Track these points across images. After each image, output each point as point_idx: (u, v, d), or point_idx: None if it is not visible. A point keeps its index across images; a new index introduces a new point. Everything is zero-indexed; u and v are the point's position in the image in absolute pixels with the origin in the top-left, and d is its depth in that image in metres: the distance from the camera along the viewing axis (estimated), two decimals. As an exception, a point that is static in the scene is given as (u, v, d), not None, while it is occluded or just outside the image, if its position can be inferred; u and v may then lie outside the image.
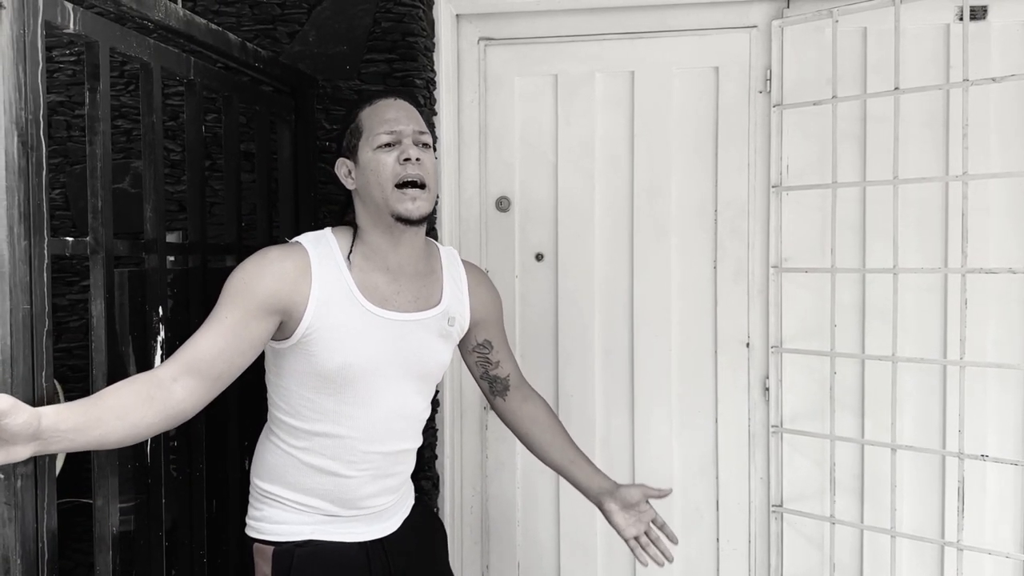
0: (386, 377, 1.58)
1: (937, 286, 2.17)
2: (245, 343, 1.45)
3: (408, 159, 1.54)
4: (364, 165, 1.57)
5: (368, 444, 1.59)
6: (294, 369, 1.55)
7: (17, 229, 1.15)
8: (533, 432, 1.84)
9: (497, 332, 1.83)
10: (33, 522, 1.19)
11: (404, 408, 1.62)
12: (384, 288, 1.59)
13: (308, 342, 1.52)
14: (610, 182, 2.34)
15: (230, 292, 1.48)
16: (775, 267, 2.24)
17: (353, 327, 1.54)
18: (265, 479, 1.62)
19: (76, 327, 2.28)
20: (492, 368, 1.82)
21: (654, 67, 2.30)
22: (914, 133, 2.16)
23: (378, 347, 1.56)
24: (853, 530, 2.21)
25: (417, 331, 1.61)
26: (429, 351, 1.64)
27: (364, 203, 1.59)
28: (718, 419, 2.31)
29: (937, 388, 2.18)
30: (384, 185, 1.54)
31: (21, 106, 1.16)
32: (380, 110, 1.60)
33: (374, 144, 1.56)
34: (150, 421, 1.31)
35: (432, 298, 1.66)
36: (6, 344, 1.14)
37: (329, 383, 1.54)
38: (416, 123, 1.60)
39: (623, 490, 1.79)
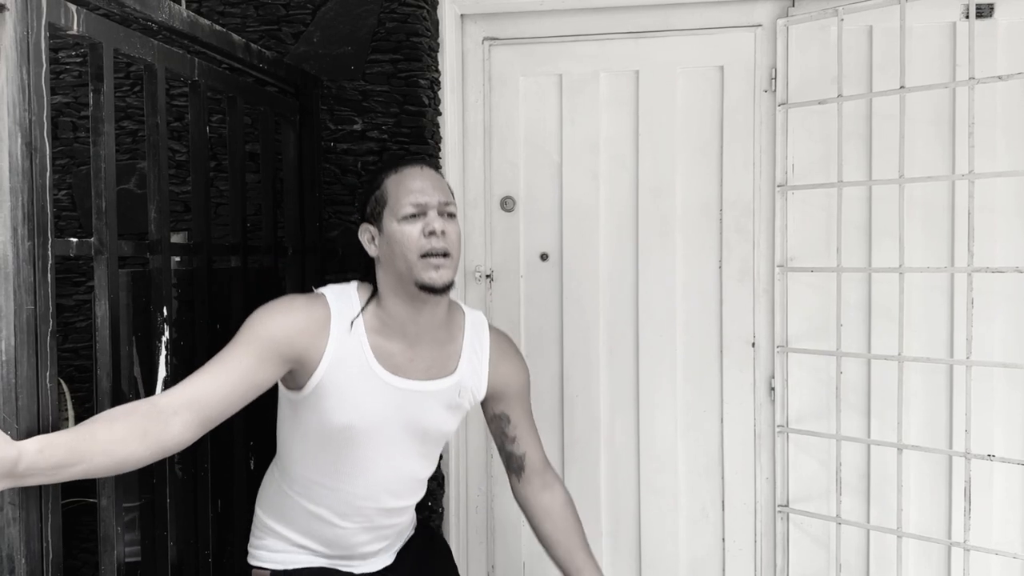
0: (387, 441, 1.58)
1: (943, 285, 2.16)
2: (252, 388, 1.46)
3: (433, 232, 1.52)
4: (388, 235, 1.55)
5: (364, 500, 1.61)
6: (300, 420, 1.57)
7: (21, 230, 1.15)
8: (544, 527, 1.76)
9: (517, 407, 1.75)
10: (37, 522, 1.20)
11: (402, 470, 1.63)
12: (399, 355, 1.57)
13: (315, 400, 1.53)
14: (615, 182, 2.33)
15: (248, 334, 1.47)
16: (781, 266, 2.23)
17: (360, 390, 1.54)
18: (266, 512, 1.69)
19: (83, 327, 2.29)
20: (508, 443, 1.75)
21: (658, 66, 2.30)
22: (920, 132, 2.15)
23: (383, 412, 1.56)
24: (859, 530, 2.20)
25: (425, 400, 1.60)
26: (434, 420, 1.63)
27: (386, 272, 1.57)
28: (723, 419, 2.30)
29: (944, 388, 2.17)
30: (408, 256, 1.52)
31: (25, 107, 1.16)
32: (406, 179, 1.58)
33: (399, 215, 1.54)
34: (139, 456, 1.30)
35: (447, 367, 1.63)
36: (10, 345, 1.14)
37: (331, 440, 1.56)
38: (442, 193, 1.58)
39: None
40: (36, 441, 1.15)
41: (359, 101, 2.18)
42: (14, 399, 1.15)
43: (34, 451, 1.14)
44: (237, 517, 1.84)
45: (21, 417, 1.16)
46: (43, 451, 1.15)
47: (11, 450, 1.11)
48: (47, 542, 1.20)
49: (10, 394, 1.15)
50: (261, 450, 1.91)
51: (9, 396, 1.15)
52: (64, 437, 1.19)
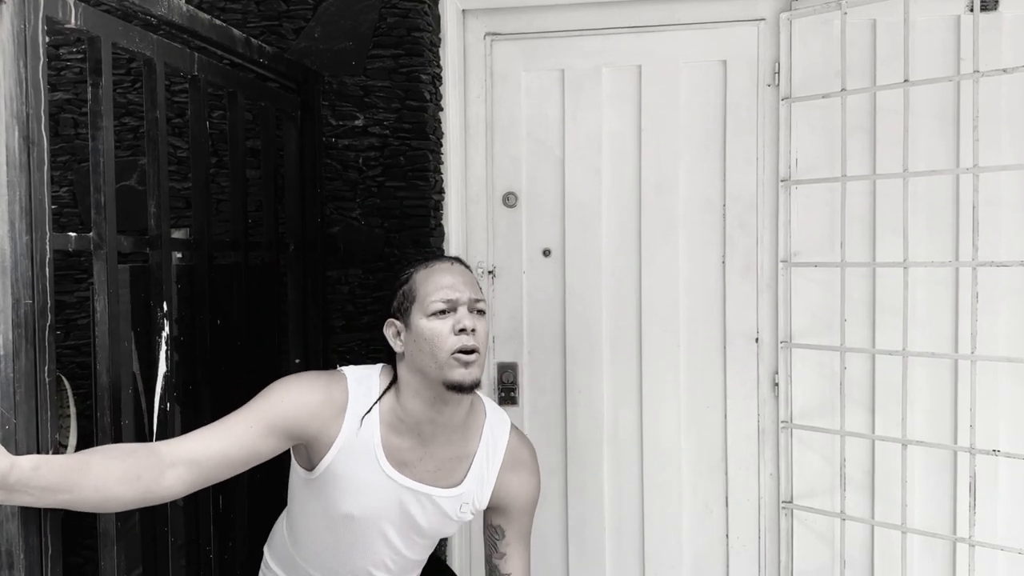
0: (385, 533, 1.59)
1: (948, 280, 2.15)
2: (254, 455, 1.45)
3: (464, 330, 1.49)
4: (416, 332, 1.51)
5: (361, 574, 1.63)
6: (306, 497, 1.59)
7: (19, 224, 1.15)
8: None
9: (516, 524, 1.68)
10: (36, 517, 1.19)
11: (397, 558, 1.63)
12: (408, 453, 1.55)
13: (321, 485, 1.54)
14: (617, 177, 2.33)
15: (262, 403, 1.46)
16: (784, 261, 2.22)
17: (364, 482, 1.53)
18: (272, 558, 1.74)
19: (84, 324, 2.29)
20: (496, 556, 1.68)
21: (661, 61, 2.29)
22: (924, 126, 2.14)
23: (383, 506, 1.56)
24: (864, 526, 2.19)
25: (426, 503, 1.58)
26: (432, 523, 1.61)
27: (411, 369, 1.53)
28: (727, 415, 2.29)
29: (948, 383, 2.16)
30: (437, 354, 1.48)
31: (22, 101, 1.16)
32: (436, 275, 1.54)
33: (428, 311, 1.51)
34: (126, 500, 1.29)
35: (454, 476, 1.60)
36: (8, 339, 1.14)
37: (331, 521, 1.57)
38: (473, 290, 1.54)
39: None
40: (32, 459, 1.15)
41: (360, 97, 2.17)
42: (12, 394, 1.14)
43: (28, 467, 1.14)
44: (238, 515, 1.83)
45: (19, 411, 1.15)
46: (38, 469, 1.15)
47: (4, 461, 1.11)
48: (46, 537, 1.20)
49: (8, 388, 1.14)
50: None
51: (7, 391, 1.14)
52: (59, 460, 1.19)
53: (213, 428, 1.42)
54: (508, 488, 1.64)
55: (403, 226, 2.17)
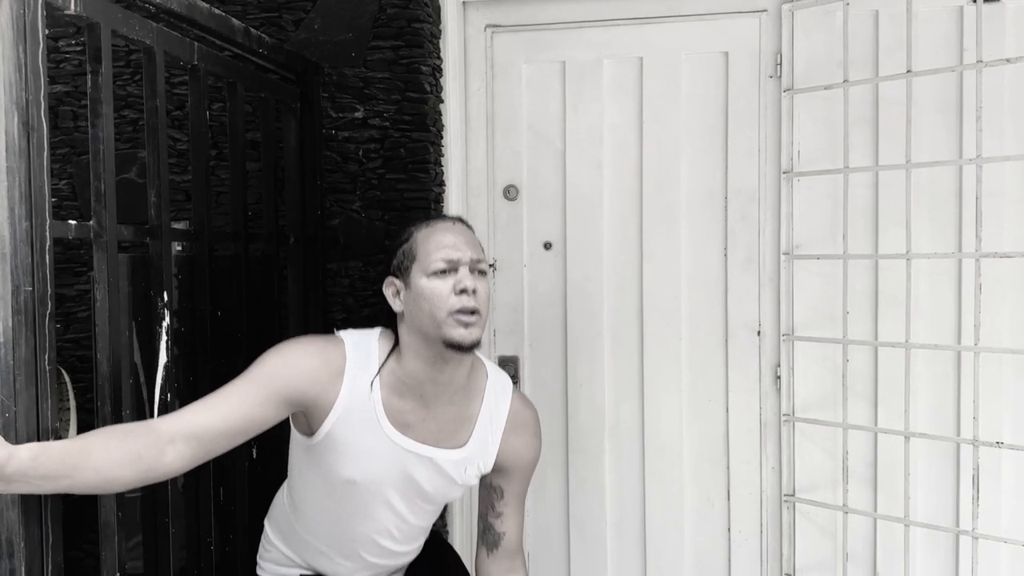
0: (387, 498, 1.56)
1: (951, 272, 2.14)
2: (254, 425, 1.43)
3: (465, 290, 1.46)
4: (416, 291, 1.49)
5: (364, 546, 1.60)
6: (307, 464, 1.57)
7: (18, 210, 1.14)
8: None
9: (516, 485, 1.67)
10: (37, 506, 1.18)
11: (401, 524, 1.60)
12: (410, 414, 1.53)
13: (322, 451, 1.51)
14: (619, 169, 2.32)
15: (258, 372, 1.44)
16: (786, 254, 2.21)
17: (367, 446, 1.51)
18: (273, 531, 1.71)
19: (84, 318, 2.28)
20: (492, 515, 1.67)
21: (663, 53, 2.28)
22: (927, 118, 2.13)
23: (386, 471, 1.53)
24: (866, 519, 2.19)
25: (430, 467, 1.55)
26: (437, 488, 1.59)
27: (410, 329, 1.51)
28: (729, 408, 2.29)
29: (951, 375, 2.15)
30: (437, 314, 1.45)
31: (22, 86, 1.15)
32: (437, 234, 1.51)
33: (428, 270, 1.48)
34: (128, 481, 1.28)
35: (457, 437, 1.57)
36: (7, 326, 1.13)
37: (333, 489, 1.55)
38: (474, 250, 1.51)
39: None
40: (31, 448, 1.14)
41: (360, 88, 2.17)
42: (12, 381, 1.14)
43: (27, 457, 1.12)
44: (239, 506, 1.83)
45: (19, 399, 1.14)
46: (36, 459, 1.13)
47: (2, 452, 1.10)
48: (47, 526, 1.19)
49: (8, 376, 1.13)
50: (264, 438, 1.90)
51: (7, 378, 1.13)
52: (58, 447, 1.18)
53: (210, 400, 1.40)
54: (512, 450, 1.63)
55: (404, 219, 2.17)
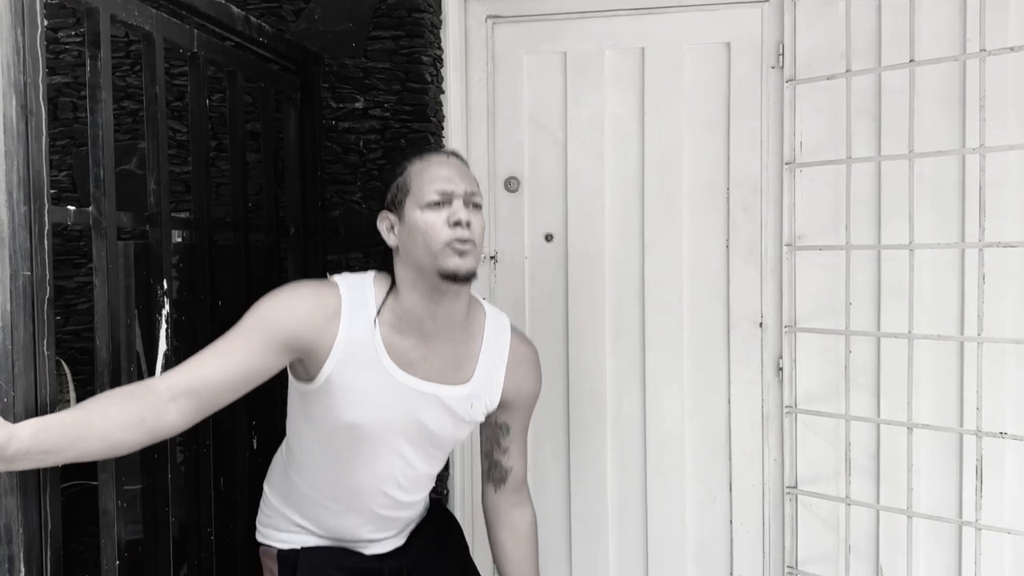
0: (394, 441, 1.53)
1: (954, 263, 2.13)
2: (253, 374, 1.41)
3: (459, 222, 1.45)
4: (410, 224, 1.47)
5: (369, 496, 1.57)
6: (308, 413, 1.53)
7: (16, 194, 1.13)
8: (507, 542, 1.71)
9: (520, 420, 1.68)
10: (36, 491, 1.18)
11: (410, 469, 1.58)
12: (411, 351, 1.50)
13: (324, 395, 1.48)
14: (620, 161, 2.31)
15: (252, 320, 1.42)
16: (788, 245, 2.20)
17: (370, 387, 1.48)
18: (274, 492, 1.66)
19: (84, 310, 2.27)
20: (499, 452, 1.68)
21: (664, 43, 2.27)
22: (929, 108, 2.12)
23: (391, 412, 1.50)
24: (869, 511, 2.18)
25: (436, 406, 1.53)
26: (445, 426, 1.56)
27: (405, 263, 1.49)
28: (731, 400, 2.28)
29: (954, 366, 2.14)
30: (431, 246, 1.44)
31: (20, 69, 1.14)
32: (432, 167, 1.50)
33: (422, 202, 1.46)
34: (133, 442, 1.27)
35: (461, 373, 1.56)
36: (6, 310, 1.12)
37: (337, 435, 1.51)
38: (469, 183, 1.50)
39: None
40: (31, 425, 1.13)
41: (360, 79, 2.16)
42: (10, 366, 1.13)
43: (27, 435, 1.12)
44: (239, 496, 1.82)
45: (17, 384, 1.14)
46: (37, 435, 1.13)
47: (2, 432, 1.09)
48: (45, 513, 1.18)
49: (6, 361, 1.13)
50: (264, 428, 1.89)
51: (5, 363, 1.13)
52: (59, 420, 1.17)
53: (207, 353, 1.38)
54: (516, 385, 1.63)
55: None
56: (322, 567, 1.56)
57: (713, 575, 2.32)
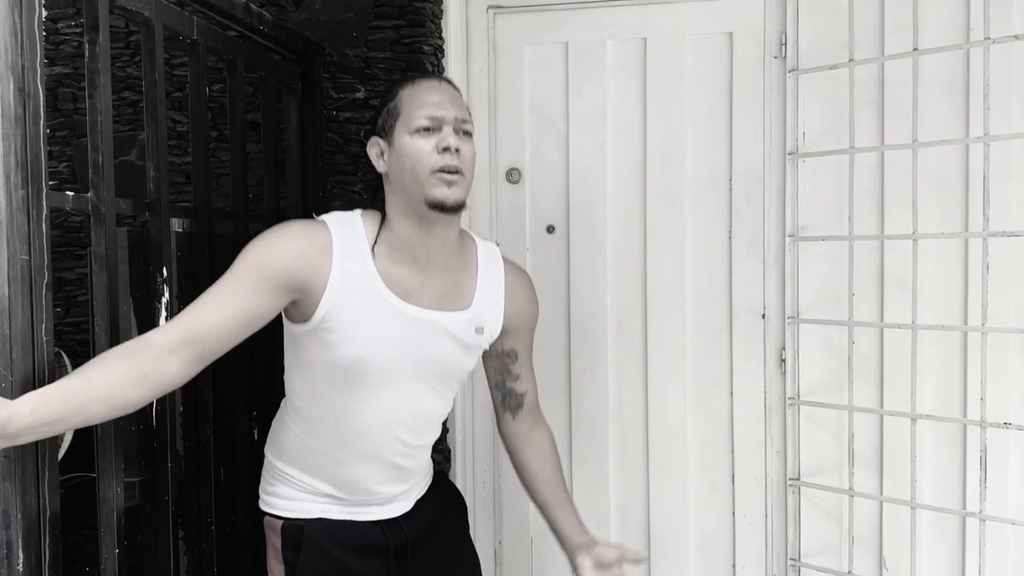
0: (400, 376, 1.50)
1: (957, 255, 2.12)
2: (252, 317, 1.39)
3: (448, 148, 1.44)
4: (399, 149, 1.47)
5: (377, 438, 1.53)
6: (308, 355, 1.50)
7: (14, 177, 1.12)
8: (533, 463, 1.71)
9: (526, 344, 1.70)
10: (34, 477, 1.17)
11: (417, 407, 1.55)
12: (409, 280, 1.49)
13: (324, 330, 1.45)
14: (622, 152, 2.30)
15: (244, 263, 1.41)
16: (791, 236, 2.19)
17: (371, 319, 1.46)
18: (277, 457, 1.60)
19: (84, 301, 2.26)
20: (511, 380, 1.70)
21: (666, 34, 2.26)
22: (933, 98, 2.10)
23: (395, 343, 1.48)
24: (872, 503, 2.17)
25: (440, 333, 1.51)
26: (450, 355, 1.54)
27: (394, 189, 1.50)
28: (733, 391, 2.27)
29: (958, 357, 2.13)
30: (419, 172, 1.44)
31: (18, 52, 1.13)
32: (422, 92, 1.49)
33: (412, 127, 1.46)
34: (138, 399, 1.26)
35: (461, 299, 1.55)
36: (3, 295, 1.11)
37: (340, 374, 1.48)
38: (459, 110, 1.49)
39: (600, 549, 1.61)
40: (29, 400, 1.12)
41: (361, 68, 2.15)
42: (8, 351, 1.12)
43: (27, 411, 1.10)
44: (240, 486, 1.81)
45: (15, 369, 1.13)
46: (37, 410, 1.11)
47: (2, 412, 1.07)
48: (44, 498, 1.18)
49: (4, 346, 1.12)
50: (264, 420, 1.88)
51: (3, 348, 1.12)
52: (59, 390, 1.16)
53: (203, 301, 1.36)
54: (517, 307, 1.64)
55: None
56: (325, 545, 1.53)
57: (716, 567, 2.32)
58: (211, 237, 1.71)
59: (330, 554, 1.53)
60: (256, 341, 1.83)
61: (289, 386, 1.58)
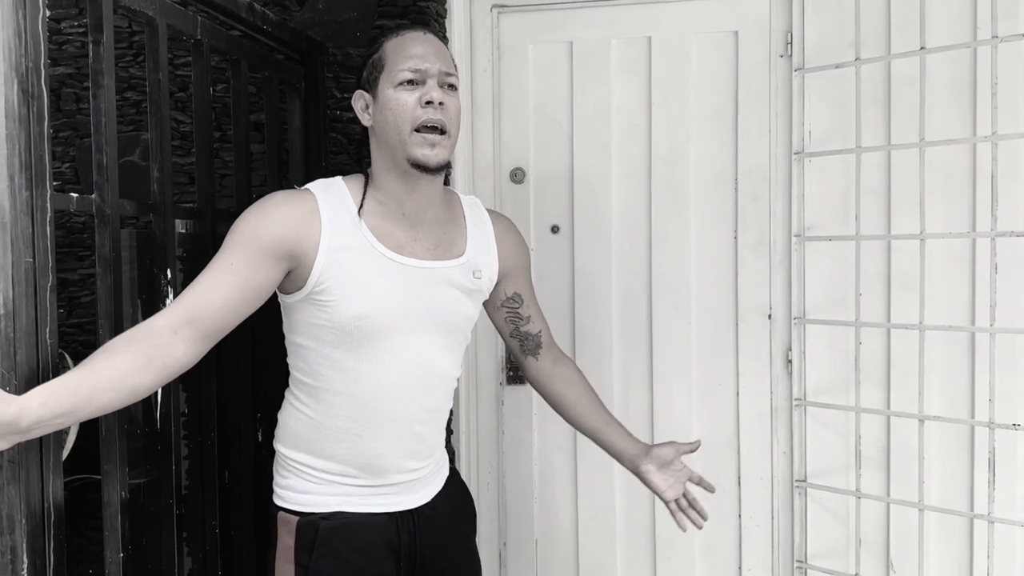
0: (406, 330, 1.48)
1: (964, 254, 2.11)
2: (251, 292, 1.38)
3: (431, 102, 1.44)
4: (382, 102, 1.47)
5: (391, 403, 1.49)
6: (309, 323, 1.47)
7: (18, 179, 1.12)
8: (568, 394, 1.76)
9: (526, 284, 1.73)
10: (38, 481, 1.16)
11: (428, 364, 1.52)
12: (400, 234, 1.49)
13: (321, 292, 1.44)
14: (627, 151, 2.29)
15: (234, 238, 1.40)
16: (798, 236, 2.18)
17: (368, 273, 1.45)
18: (289, 446, 1.55)
19: (88, 302, 2.26)
20: (523, 324, 1.72)
21: (671, 32, 2.25)
22: (940, 97, 2.09)
23: (396, 296, 1.46)
24: (879, 505, 2.16)
25: (439, 281, 1.51)
26: (453, 303, 1.54)
27: (379, 143, 1.50)
28: (739, 393, 2.26)
29: (965, 357, 2.11)
30: (401, 127, 1.44)
31: (21, 52, 1.12)
32: (406, 44, 1.48)
33: (395, 80, 1.45)
34: (148, 385, 1.25)
35: (454, 248, 1.56)
36: (8, 297, 1.10)
37: (346, 337, 1.45)
38: (444, 62, 1.48)
39: (656, 450, 1.73)
40: (37, 394, 1.11)
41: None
42: (12, 354, 1.11)
43: (36, 405, 1.10)
44: (244, 489, 1.80)
45: (19, 372, 1.12)
46: (45, 403, 1.11)
47: (10, 408, 1.07)
48: (48, 503, 1.17)
49: (8, 349, 1.11)
50: (268, 423, 1.87)
51: (8, 351, 1.11)
52: (65, 383, 1.15)
53: (200, 280, 1.36)
54: (508, 250, 1.66)
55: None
56: (339, 548, 1.49)
57: (722, 570, 2.31)
58: (215, 238, 1.70)
59: (343, 557, 1.50)
60: (258, 344, 1.83)
61: (294, 364, 1.55)
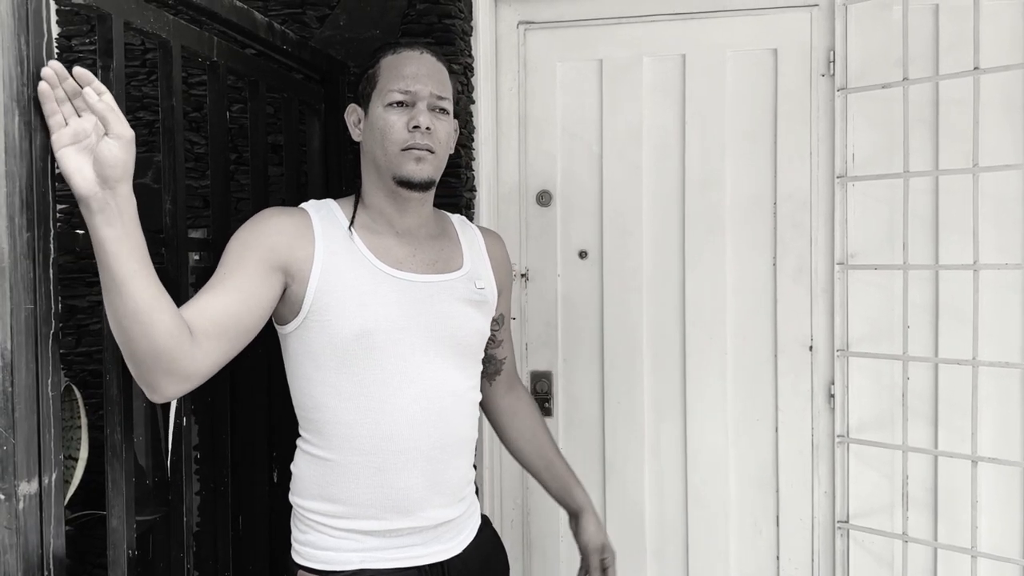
0: (412, 347, 1.40)
1: (1017, 284, 2.00)
2: (252, 300, 1.31)
3: (418, 126, 1.41)
4: (372, 120, 1.45)
5: (408, 429, 1.39)
6: (309, 351, 1.39)
7: (19, 219, 1.02)
8: (514, 425, 1.71)
9: (506, 306, 1.69)
10: (38, 548, 1.06)
11: (443, 385, 1.43)
12: (397, 250, 1.45)
13: (319, 310, 1.37)
14: (659, 174, 2.19)
15: (229, 254, 1.35)
16: (840, 264, 2.07)
17: (366, 288, 1.39)
18: (304, 496, 1.44)
19: (96, 330, 2.17)
20: (493, 346, 1.65)
21: (706, 50, 2.15)
22: (991, 118, 1.98)
23: (398, 311, 1.39)
24: (925, 549, 2.04)
25: (442, 295, 1.45)
26: (460, 318, 1.46)
27: (367, 160, 1.48)
28: (778, 428, 2.14)
29: (1018, 393, 2.00)
30: (388, 148, 1.42)
31: (23, 82, 1.03)
32: (400, 62, 1.45)
33: (385, 100, 1.43)
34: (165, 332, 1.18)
35: (453, 261, 1.52)
36: (6, 349, 1.01)
37: (348, 358, 1.37)
38: (436, 84, 1.45)
39: (587, 523, 1.70)
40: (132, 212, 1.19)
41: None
42: (10, 410, 1.01)
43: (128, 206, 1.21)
44: (259, 535, 1.71)
45: (18, 430, 1.02)
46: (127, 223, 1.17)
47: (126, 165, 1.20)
48: (48, 570, 1.07)
49: (6, 405, 1.01)
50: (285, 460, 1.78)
51: (5, 407, 1.01)
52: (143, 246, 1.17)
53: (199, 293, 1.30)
54: (499, 266, 1.63)
55: (433, 226, 2.04)
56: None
57: (758, 613, 2.19)
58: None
59: None
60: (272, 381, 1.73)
61: (299, 402, 1.46)
